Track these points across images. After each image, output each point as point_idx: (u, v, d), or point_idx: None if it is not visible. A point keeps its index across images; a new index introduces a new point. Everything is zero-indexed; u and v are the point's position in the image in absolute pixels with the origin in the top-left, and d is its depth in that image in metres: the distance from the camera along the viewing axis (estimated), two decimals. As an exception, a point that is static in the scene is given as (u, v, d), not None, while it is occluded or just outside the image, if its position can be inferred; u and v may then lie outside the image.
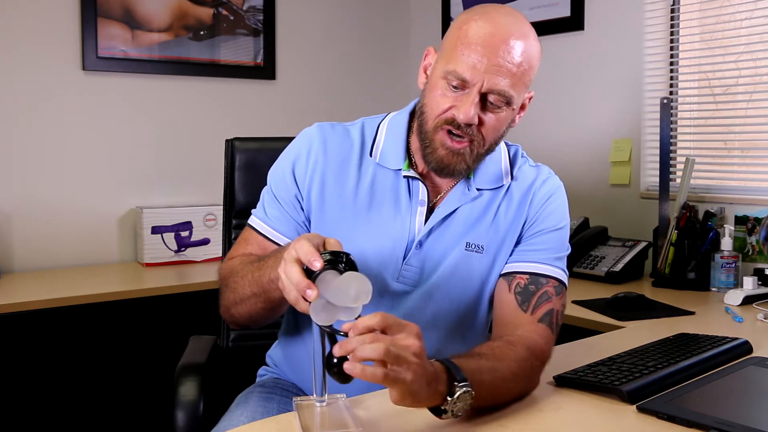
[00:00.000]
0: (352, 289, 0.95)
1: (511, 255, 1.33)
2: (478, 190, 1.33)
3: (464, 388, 1.01)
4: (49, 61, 2.65)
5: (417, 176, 1.31)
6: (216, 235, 2.78)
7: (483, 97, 1.21)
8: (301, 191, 1.32)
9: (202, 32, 2.96)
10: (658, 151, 2.42)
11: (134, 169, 2.84)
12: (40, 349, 2.20)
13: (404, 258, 1.29)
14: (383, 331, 0.96)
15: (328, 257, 1.01)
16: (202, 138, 2.96)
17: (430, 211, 1.32)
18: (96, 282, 2.44)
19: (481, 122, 1.22)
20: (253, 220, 1.36)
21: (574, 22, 2.75)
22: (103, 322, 2.29)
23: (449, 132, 1.24)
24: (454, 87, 1.21)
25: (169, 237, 2.73)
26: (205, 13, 2.97)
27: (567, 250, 1.36)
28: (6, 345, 2.14)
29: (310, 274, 1.01)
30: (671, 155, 2.45)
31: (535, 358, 1.20)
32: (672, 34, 2.54)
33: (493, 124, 1.24)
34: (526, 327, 1.25)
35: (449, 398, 1.00)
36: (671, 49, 2.54)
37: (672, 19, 2.53)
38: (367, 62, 3.40)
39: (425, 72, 1.30)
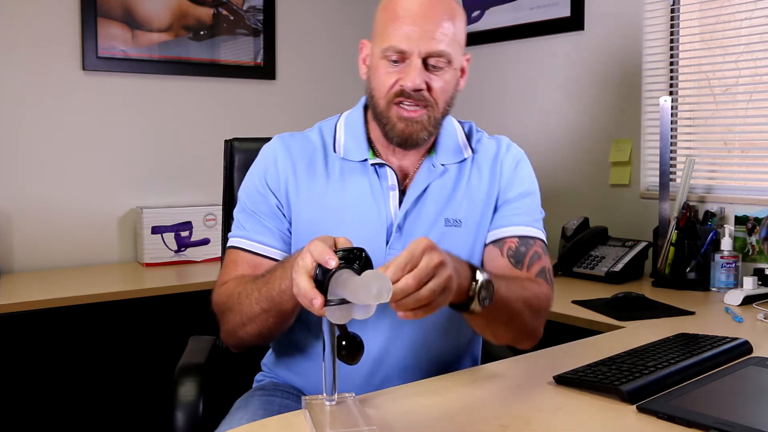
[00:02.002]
0: (374, 287, 0.95)
1: (492, 222, 1.38)
2: (442, 165, 1.38)
3: (485, 275, 1.12)
4: (49, 61, 2.65)
5: (383, 162, 1.35)
6: (216, 235, 2.78)
7: (424, 63, 1.27)
8: (279, 199, 1.35)
9: (202, 32, 2.96)
10: (658, 151, 2.43)
11: (134, 169, 2.84)
12: (40, 349, 2.20)
13: (387, 243, 1.32)
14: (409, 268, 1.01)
15: (342, 254, 1.01)
16: (202, 138, 2.96)
17: (403, 195, 1.35)
18: (96, 282, 2.44)
19: (429, 87, 1.29)
20: (235, 241, 1.36)
21: (574, 22, 2.75)
22: (103, 322, 2.29)
23: (402, 104, 1.29)
24: (395, 61, 1.28)
25: (169, 237, 2.73)
26: (205, 13, 2.97)
27: (542, 213, 1.43)
28: (6, 345, 2.14)
29: (325, 275, 1.01)
30: (671, 155, 2.45)
31: (540, 300, 1.29)
32: (672, 34, 2.53)
33: (441, 86, 1.30)
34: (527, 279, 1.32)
35: (474, 283, 1.11)
36: (671, 49, 2.54)
37: (672, 19, 2.53)
38: (367, 62, 3.39)
39: (364, 63, 1.37)
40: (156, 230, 2.71)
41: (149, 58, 2.84)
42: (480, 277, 1.12)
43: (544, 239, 1.39)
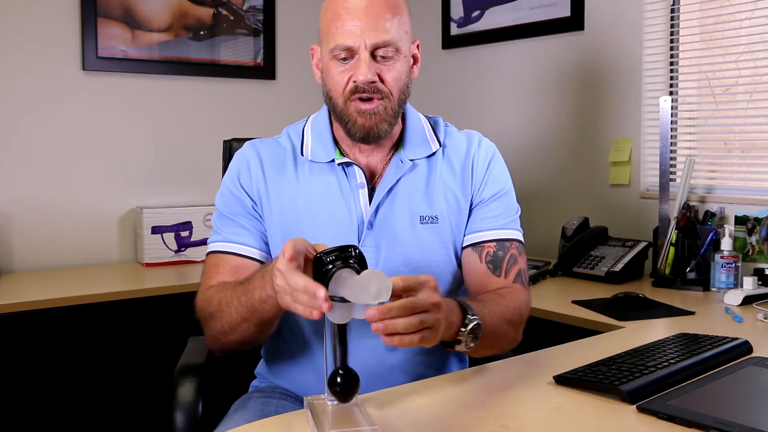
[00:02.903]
0: (374, 286, 0.95)
1: (469, 223, 1.39)
2: (411, 161, 1.39)
3: (475, 321, 1.15)
4: (49, 61, 2.65)
5: (351, 161, 1.37)
6: (216, 235, 2.77)
7: (373, 56, 1.28)
8: (253, 200, 1.37)
9: (202, 32, 2.96)
10: (658, 151, 2.42)
11: (134, 169, 2.84)
12: (40, 349, 2.20)
13: (359, 241, 1.33)
14: (407, 291, 1.03)
15: (337, 254, 1.01)
16: (202, 138, 2.96)
17: (372, 192, 1.36)
18: (96, 282, 2.44)
19: (381, 79, 1.30)
20: (214, 246, 1.37)
21: (574, 22, 2.75)
22: (103, 322, 2.29)
23: (359, 99, 1.30)
24: (344, 59, 1.29)
25: (169, 237, 2.73)
26: (205, 13, 2.97)
27: (518, 210, 1.45)
28: (6, 345, 2.14)
29: (323, 275, 1.01)
30: (671, 155, 2.45)
31: (522, 310, 1.33)
32: (672, 34, 2.53)
33: (394, 75, 1.31)
34: (505, 289, 1.35)
35: (463, 329, 1.14)
36: (671, 49, 2.54)
37: (672, 19, 2.53)
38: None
39: (317, 68, 1.38)
40: (156, 230, 2.71)
41: (149, 58, 2.84)
42: (470, 323, 1.15)
43: (520, 238, 1.42)
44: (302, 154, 1.39)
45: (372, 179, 1.39)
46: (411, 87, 1.38)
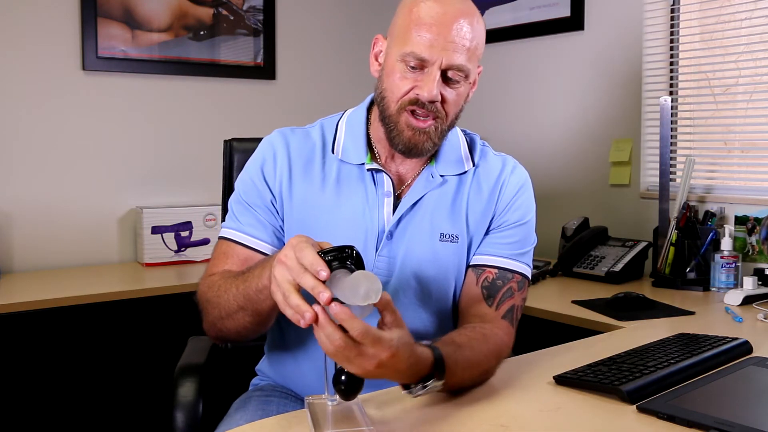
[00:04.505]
0: (362, 288, 0.95)
1: (481, 245, 1.36)
2: (441, 176, 1.36)
3: (439, 385, 1.08)
4: (49, 61, 2.65)
5: (380, 168, 1.34)
6: (216, 235, 2.76)
7: (443, 74, 1.25)
8: (273, 194, 1.34)
9: (202, 32, 2.96)
10: (658, 151, 2.42)
11: (134, 169, 2.84)
12: (40, 349, 2.20)
13: (376, 249, 1.31)
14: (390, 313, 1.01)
15: (334, 254, 1.01)
16: (202, 138, 2.96)
17: (398, 201, 1.34)
18: (96, 282, 2.44)
19: (443, 99, 1.27)
20: (227, 232, 1.35)
21: (574, 22, 2.75)
22: (103, 322, 2.29)
23: (413, 112, 1.27)
24: (413, 68, 1.25)
25: (169, 237, 2.73)
26: (205, 13, 2.97)
27: (533, 243, 1.40)
28: (6, 345, 2.14)
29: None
30: (671, 155, 2.45)
31: (500, 353, 1.27)
32: (672, 34, 2.53)
33: (455, 99, 1.28)
34: (492, 323, 1.30)
35: (421, 385, 1.07)
36: (671, 49, 2.54)
37: (672, 19, 2.53)
38: (366, 62, 3.38)
39: (377, 60, 1.35)
40: (156, 230, 2.71)
41: (149, 58, 2.84)
42: (429, 384, 1.07)
43: (525, 273, 1.36)
44: (333, 152, 1.36)
45: (399, 187, 1.36)
46: (463, 110, 1.34)
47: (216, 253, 1.36)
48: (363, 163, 1.34)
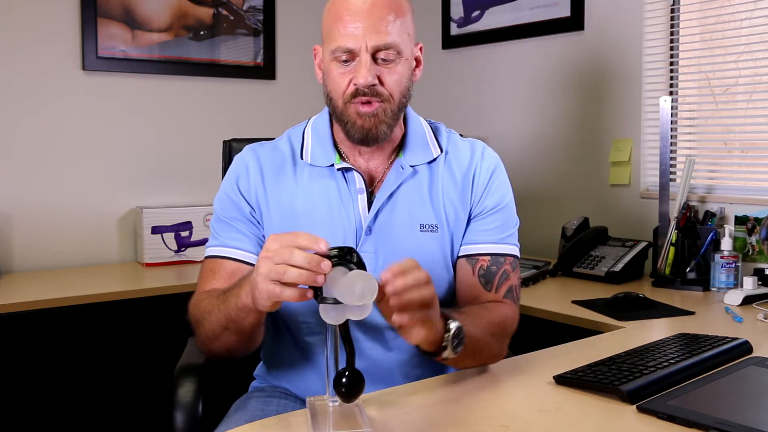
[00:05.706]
0: (358, 287, 0.95)
1: (466, 234, 1.38)
2: (412, 167, 1.38)
3: (457, 325, 1.15)
4: (49, 61, 2.65)
5: (350, 167, 1.36)
6: (216, 235, 2.77)
7: (374, 58, 1.28)
8: (251, 205, 1.36)
9: (202, 32, 2.96)
10: (658, 151, 2.42)
11: (134, 169, 2.84)
12: (40, 349, 2.20)
13: (357, 246, 1.33)
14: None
15: (336, 253, 1.01)
16: (202, 138, 2.96)
17: (372, 197, 1.36)
18: (96, 282, 2.44)
19: (382, 81, 1.29)
20: (212, 250, 1.36)
21: (574, 22, 2.75)
22: (103, 322, 2.29)
23: (359, 102, 1.30)
24: (345, 61, 1.29)
25: (169, 237, 2.73)
26: (205, 13, 2.97)
27: (516, 224, 1.43)
28: (6, 345, 2.14)
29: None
30: (671, 155, 2.45)
31: (506, 324, 1.32)
32: (672, 34, 2.53)
33: (394, 78, 1.30)
34: (495, 303, 1.34)
35: (447, 334, 1.13)
36: (671, 49, 2.54)
37: (672, 19, 2.53)
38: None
39: (319, 68, 1.38)
40: (156, 230, 2.71)
41: (149, 58, 2.84)
42: (452, 326, 1.14)
43: (515, 253, 1.40)
44: (302, 158, 1.38)
45: (371, 184, 1.38)
46: (413, 90, 1.37)
47: (203, 272, 1.37)
48: (332, 164, 1.36)
